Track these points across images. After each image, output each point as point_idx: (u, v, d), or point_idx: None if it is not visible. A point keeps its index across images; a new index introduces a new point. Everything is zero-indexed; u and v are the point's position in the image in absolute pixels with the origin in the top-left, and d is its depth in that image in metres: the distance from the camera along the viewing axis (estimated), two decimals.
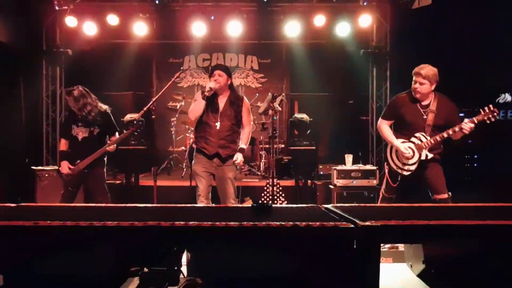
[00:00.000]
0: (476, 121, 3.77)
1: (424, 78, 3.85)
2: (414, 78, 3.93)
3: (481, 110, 3.78)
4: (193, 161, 4.22)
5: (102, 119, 4.55)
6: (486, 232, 2.23)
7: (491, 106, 3.76)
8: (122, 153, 6.38)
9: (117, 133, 4.67)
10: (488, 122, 3.77)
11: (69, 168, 4.41)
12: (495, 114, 3.74)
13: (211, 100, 4.04)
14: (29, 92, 7.07)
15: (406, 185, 4.09)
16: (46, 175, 5.93)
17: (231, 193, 4.11)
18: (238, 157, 4.09)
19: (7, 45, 6.37)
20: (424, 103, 3.96)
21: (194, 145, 4.28)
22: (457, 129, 3.79)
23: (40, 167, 6.16)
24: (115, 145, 4.56)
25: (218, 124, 4.04)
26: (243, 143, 4.20)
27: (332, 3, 7.18)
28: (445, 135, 3.84)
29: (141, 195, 6.30)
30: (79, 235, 2.17)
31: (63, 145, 4.59)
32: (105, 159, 4.65)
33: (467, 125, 3.75)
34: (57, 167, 4.60)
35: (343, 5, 7.23)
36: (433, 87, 3.91)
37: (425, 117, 3.92)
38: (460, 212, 2.73)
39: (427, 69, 3.87)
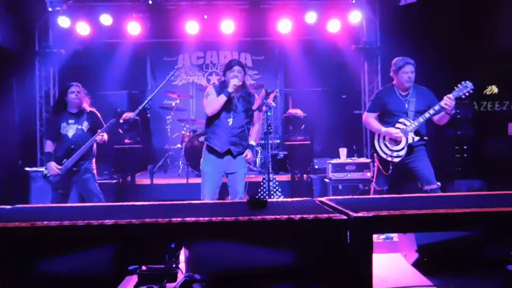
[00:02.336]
0: (452, 97, 3.86)
1: (414, 66, 4.08)
2: (404, 69, 4.07)
3: (455, 87, 3.90)
4: (202, 159, 4.14)
5: (91, 115, 4.54)
6: (477, 220, 2.28)
7: (463, 82, 3.89)
8: (118, 152, 6.40)
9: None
10: (464, 97, 3.91)
11: (57, 168, 4.31)
12: (469, 88, 3.86)
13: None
14: (22, 93, 7.02)
15: (397, 176, 4.18)
16: (41, 176, 5.80)
17: (240, 190, 4.08)
18: (248, 154, 4.09)
19: None
20: (404, 93, 4.15)
21: (203, 141, 4.19)
22: (437, 107, 3.90)
23: (34, 168, 6.09)
24: (103, 136, 4.36)
25: (230, 120, 4.00)
26: (253, 140, 4.16)
27: (323, 0, 7.25)
28: (427, 115, 3.97)
29: (138, 194, 6.32)
30: (76, 234, 2.17)
31: (49, 146, 4.46)
32: (94, 159, 4.54)
33: (449, 100, 3.83)
34: (44, 171, 4.41)
35: (334, 3, 7.31)
36: None
37: (406, 104, 4.09)
38: (451, 201, 2.78)
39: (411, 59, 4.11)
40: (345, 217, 2.19)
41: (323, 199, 2.75)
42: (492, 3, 5.95)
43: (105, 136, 4.45)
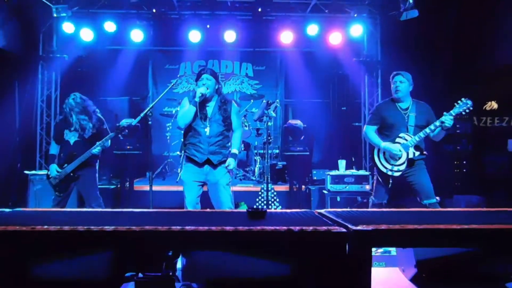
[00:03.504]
0: (453, 114, 3.92)
1: (404, 77, 4.14)
2: (393, 80, 4.18)
3: (455, 103, 3.95)
4: (182, 170, 4.09)
5: (95, 123, 4.58)
6: (476, 236, 2.28)
7: (463, 98, 3.94)
8: (117, 158, 6.40)
9: (109, 140, 4.58)
10: (464, 113, 3.95)
11: (57, 172, 4.44)
12: (469, 105, 3.90)
13: (199, 105, 3.88)
14: (24, 96, 7.04)
15: (395, 190, 4.20)
16: (40, 179, 5.87)
17: (225, 201, 3.95)
18: (231, 163, 3.94)
19: (3, 50, 6.34)
20: (404, 106, 4.19)
21: (182, 153, 4.17)
22: (438, 123, 3.94)
23: (33, 172, 6.10)
24: (100, 147, 4.46)
25: (207, 130, 3.91)
26: (234, 148, 4.02)
27: (325, 13, 7.33)
28: (427, 130, 4.00)
29: (136, 200, 6.30)
30: (76, 240, 2.17)
31: (54, 148, 4.63)
32: (97, 164, 4.65)
33: (448, 119, 3.89)
34: (47, 172, 4.55)
35: (335, 16, 7.40)
36: (410, 87, 4.19)
37: (406, 119, 4.13)
38: (451, 217, 2.78)
39: (404, 72, 4.18)
40: (344, 230, 2.18)
41: (322, 211, 2.75)
42: (493, 19, 6.01)
43: (108, 143, 4.54)
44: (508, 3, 5.79)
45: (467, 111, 3.92)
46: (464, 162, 6.16)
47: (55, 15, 6.64)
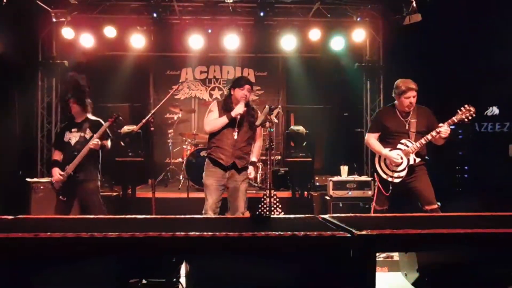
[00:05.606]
0: (456, 120, 3.95)
1: (416, 91, 4.10)
2: (408, 94, 4.07)
3: (458, 110, 3.97)
4: (204, 173, 4.18)
5: (94, 124, 4.59)
6: (477, 240, 2.28)
7: (466, 105, 3.95)
8: (119, 165, 6.39)
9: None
10: (466, 120, 3.96)
11: (60, 174, 4.41)
12: (472, 112, 3.92)
13: (229, 111, 4.09)
14: (24, 103, 7.01)
15: (397, 195, 4.21)
16: (41, 187, 5.84)
17: (241, 206, 4.15)
18: (252, 172, 4.19)
19: (1, 56, 6.26)
20: (405, 113, 4.18)
21: (205, 154, 4.29)
22: (434, 134, 3.96)
23: (34, 179, 6.07)
24: (98, 142, 4.39)
25: (236, 135, 4.08)
26: (254, 157, 4.26)
27: (327, 18, 7.33)
28: (429, 137, 4.01)
29: (138, 207, 6.28)
30: (80, 246, 2.15)
31: (56, 155, 4.61)
32: (99, 172, 4.61)
33: (444, 128, 3.94)
34: (51, 179, 4.55)
35: (337, 20, 7.40)
36: None
37: (407, 125, 4.13)
38: (452, 221, 2.79)
39: (414, 83, 4.12)
40: (348, 234, 2.18)
41: (326, 216, 2.75)
42: (495, 24, 6.04)
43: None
44: (509, 5, 5.80)
45: (470, 118, 3.93)
46: (466, 167, 6.18)
47: (54, 20, 6.58)
